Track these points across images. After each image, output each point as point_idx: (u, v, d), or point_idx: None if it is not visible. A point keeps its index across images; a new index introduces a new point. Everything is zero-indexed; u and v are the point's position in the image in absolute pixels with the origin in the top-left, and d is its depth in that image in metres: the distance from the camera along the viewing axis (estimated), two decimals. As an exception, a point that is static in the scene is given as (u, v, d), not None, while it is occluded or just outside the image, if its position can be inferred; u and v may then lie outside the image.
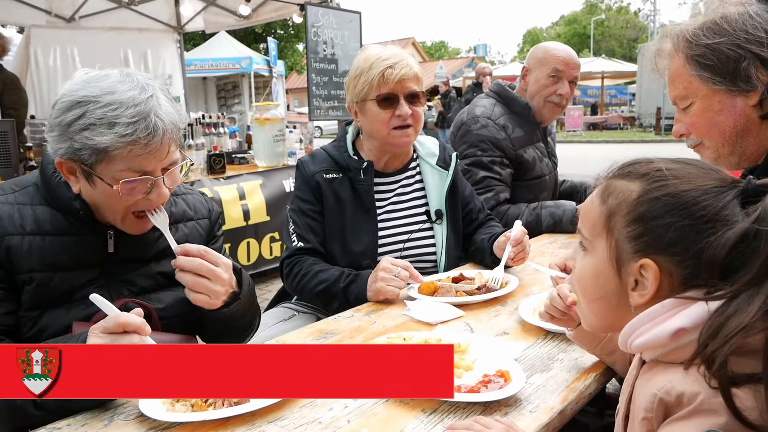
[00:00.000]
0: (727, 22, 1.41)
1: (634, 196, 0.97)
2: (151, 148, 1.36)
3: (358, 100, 2.18)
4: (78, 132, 1.34)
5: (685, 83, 1.48)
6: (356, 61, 2.21)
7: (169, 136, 1.39)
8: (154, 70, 8.02)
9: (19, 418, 1.28)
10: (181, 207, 1.70)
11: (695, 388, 0.86)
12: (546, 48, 2.96)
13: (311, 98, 6.89)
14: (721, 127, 1.47)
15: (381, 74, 2.10)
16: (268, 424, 1.22)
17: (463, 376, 1.37)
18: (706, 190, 0.93)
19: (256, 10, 7.91)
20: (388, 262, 1.96)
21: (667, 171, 0.97)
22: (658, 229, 0.94)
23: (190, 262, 1.47)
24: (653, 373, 0.96)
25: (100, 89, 1.36)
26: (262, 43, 25.45)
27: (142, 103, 1.35)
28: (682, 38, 1.46)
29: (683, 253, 0.92)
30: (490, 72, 11.43)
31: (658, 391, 0.89)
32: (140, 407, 1.23)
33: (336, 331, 1.72)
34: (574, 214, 2.82)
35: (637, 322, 0.95)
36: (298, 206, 2.23)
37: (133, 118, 1.33)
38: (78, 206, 1.46)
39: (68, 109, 1.35)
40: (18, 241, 1.42)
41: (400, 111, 2.13)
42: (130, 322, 1.26)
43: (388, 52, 2.16)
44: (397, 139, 2.18)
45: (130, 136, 1.33)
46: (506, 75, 22.98)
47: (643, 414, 0.92)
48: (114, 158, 1.36)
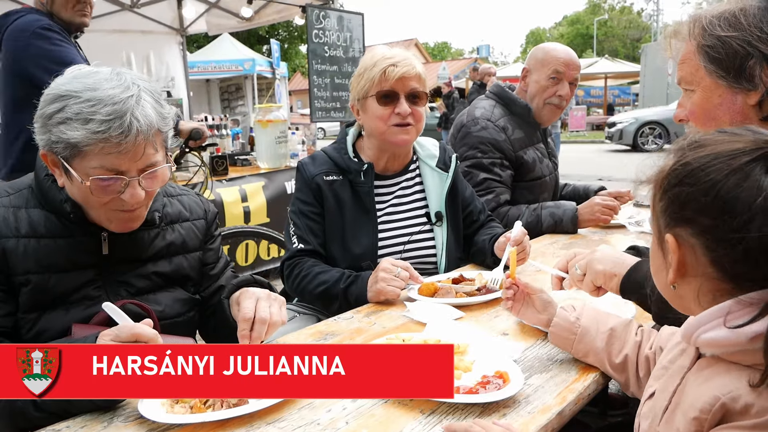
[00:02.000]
0: (744, 15, 1.41)
1: (666, 170, 0.96)
2: (123, 147, 1.36)
3: (359, 97, 2.20)
4: (55, 125, 1.36)
5: (693, 69, 1.50)
6: (362, 60, 2.24)
7: (144, 137, 1.37)
8: (157, 73, 8.04)
9: (20, 420, 1.29)
10: (176, 208, 1.71)
11: (766, 403, 0.84)
12: (546, 49, 2.95)
13: (313, 100, 6.89)
14: (718, 121, 1.48)
15: (383, 71, 2.12)
16: (267, 425, 1.22)
17: (462, 377, 1.38)
18: (717, 154, 0.89)
19: (258, 12, 7.94)
20: (388, 262, 1.96)
21: (695, 142, 0.94)
22: (674, 199, 0.93)
23: (258, 337, 1.48)
24: (714, 371, 0.93)
25: (84, 85, 1.37)
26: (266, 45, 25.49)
27: (121, 102, 1.35)
28: (699, 24, 1.47)
29: (696, 223, 0.90)
30: (495, 72, 11.45)
31: (723, 395, 0.87)
32: (139, 409, 1.24)
33: (336, 332, 1.73)
34: (575, 213, 2.82)
35: (706, 316, 0.92)
36: (298, 208, 2.23)
37: (108, 116, 1.33)
38: (69, 209, 1.47)
39: (51, 102, 1.37)
40: (14, 243, 1.43)
41: (400, 109, 2.13)
42: (143, 333, 1.27)
43: (393, 52, 2.19)
44: (396, 136, 2.18)
45: (102, 133, 1.33)
46: (509, 76, 22.92)
47: (697, 414, 0.89)
48: (87, 154, 1.36)
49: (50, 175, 1.49)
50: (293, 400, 1.30)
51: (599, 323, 1.43)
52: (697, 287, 0.94)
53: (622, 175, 7.62)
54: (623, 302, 1.77)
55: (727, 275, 0.90)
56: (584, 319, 1.44)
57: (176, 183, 1.87)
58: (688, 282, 0.95)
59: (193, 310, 1.71)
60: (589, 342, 1.41)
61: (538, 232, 2.79)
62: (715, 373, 0.93)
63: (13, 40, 3.03)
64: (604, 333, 1.41)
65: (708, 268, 0.92)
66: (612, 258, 1.60)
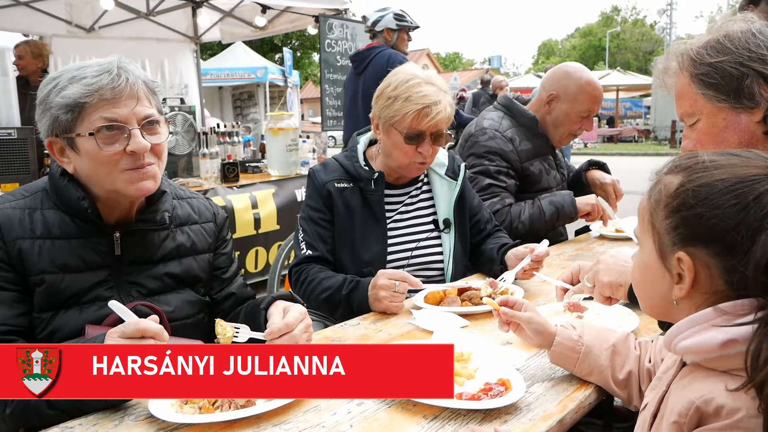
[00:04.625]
0: (729, 40, 1.43)
1: (673, 189, 0.97)
2: (117, 91, 1.46)
3: (385, 121, 2.16)
4: (53, 99, 1.47)
5: (691, 101, 1.50)
6: (395, 79, 2.16)
7: (133, 82, 1.49)
8: (171, 80, 8.13)
9: (33, 417, 1.32)
10: (186, 210, 1.74)
11: (737, 403, 0.86)
12: (580, 83, 2.87)
13: (324, 108, 6.95)
14: (727, 143, 1.48)
15: (417, 113, 2.08)
16: (273, 427, 1.25)
17: (465, 384, 1.40)
18: (741, 178, 0.91)
19: (271, 21, 8.01)
20: (384, 278, 1.94)
21: (709, 162, 0.96)
22: (691, 220, 0.94)
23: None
24: (693, 378, 0.96)
25: (75, 66, 1.50)
26: (278, 54, 25.67)
27: (107, 62, 1.49)
28: (687, 57, 1.48)
29: (717, 244, 0.91)
30: (507, 84, 11.51)
31: (697, 399, 0.90)
32: (149, 408, 1.27)
33: (343, 338, 1.75)
34: (572, 197, 2.86)
35: (685, 324, 0.95)
36: (308, 215, 2.26)
37: (98, 72, 1.46)
38: (86, 205, 1.51)
39: (45, 86, 1.51)
40: (29, 244, 1.48)
41: (423, 149, 2.15)
42: (149, 328, 1.30)
43: (429, 89, 2.10)
44: (413, 171, 2.25)
45: (96, 84, 1.45)
46: (521, 87, 22.95)
47: (676, 418, 0.92)
48: (86, 111, 1.46)
49: (65, 174, 1.53)
50: (299, 403, 1.32)
51: (601, 340, 1.42)
52: (700, 302, 0.96)
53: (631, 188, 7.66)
54: (628, 314, 1.79)
55: (735, 292, 0.92)
56: (587, 337, 1.42)
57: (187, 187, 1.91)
58: (692, 298, 0.97)
59: (203, 312, 1.74)
60: (593, 360, 1.40)
61: (542, 223, 2.83)
62: (694, 380, 0.95)
63: (379, 67, 4.42)
64: (607, 350, 1.40)
65: (720, 287, 0.93)
66: (616, 268, 1.62)
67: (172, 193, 1.70)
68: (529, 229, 2.79)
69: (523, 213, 2.82)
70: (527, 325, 1.44)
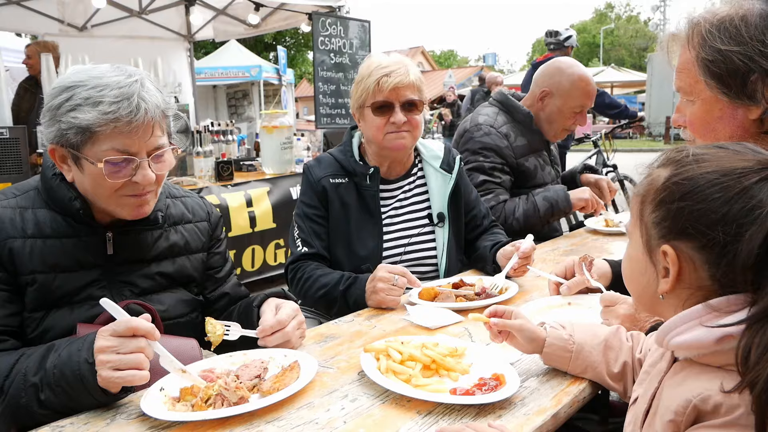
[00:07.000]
0: (746, 25, 1.37)
1: (660, 182, 0.97)
2: (133, 126, 1.41)
3: (358, 106, 2.23)
4: (65, 113, 1.41)
5: (692, 81, 1.48)
6: (360, 68, 2.27)
7: (151, 115, 1.44)
8: (164, 78, 8.08)
9: (25, 417, 1.31)
10: (179, 209, 1.73)
11: (735, 400, 0.86)
12: (572, 79, 2.89)
13: (318, 106, 6.93)
14: (717, 133, 1.47)
15: (376, 82, 2.14)
16: (266, 424, 1.24)
17: (460, 380, 1.39)
18: (726, 171, 0.90)
19: (265, 19, 8.00)
20: (384, 271, 1.95)
21: (695, 155, 0.95)
22: (676, 213, 0.93)
23: (273, 342, 1.55)
24: (687, 374, 0.95)
25: (89, 75, 1.43)
26: (272, 52, 25.61)
27: (127, 86, 1.42)
28: (697, 32, 1.44)
29: (700, 238, 0.91)
30: (502, 81, 11.51)
31: (694, 397, 0.89)
32: (142, 406, 1.26)
33: (336, 334, 1.75)
34: (566, 192, 2.86)
35: (678, 320, 0.94)
36: (303, 211, 2.25)
37: (116, 98, 1.39)
38: (78, 206, 1.50)
39: (57, 95, 1.43)
40: (20, 243, 1.46)
41: (395, 118, 2.16)
42: (140, 326, 1.29)
43: (389, 60, 2.19)
44: (392, 142, 2.20)
45: (113, 114, 1.39)
46: (516, 84, 22.95)
47: (672, 416, 0.91)
48: (98, 137, 1.41)
49: (57, 174, 1.52)
50: (292, 400, 1.32)
51: (592, 336, 1.42)
52: (686, 297, 0.96)
53: (627, 184, 7.66)
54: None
55: (721, 287, 0.91)
56: (578, 335, 1.42)
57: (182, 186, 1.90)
58: (678, 293, 0.96)
59: (196, 311, 1.73)
60: (586, 356, 1.40)
61: (537, 218, 2.83)
62: (688, 376, 0.95)
63: None
64: (599, 345, 1.40)
65: (705, 281, 0.93)
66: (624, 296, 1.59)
67: (165, 191, 1.69)
68: (523, 225, 2.79)
69: (518, 209, 2.82)
70: (519, 332, 1.43)
